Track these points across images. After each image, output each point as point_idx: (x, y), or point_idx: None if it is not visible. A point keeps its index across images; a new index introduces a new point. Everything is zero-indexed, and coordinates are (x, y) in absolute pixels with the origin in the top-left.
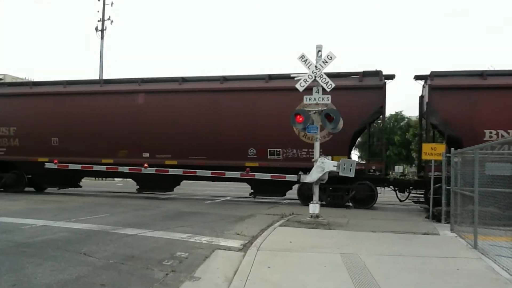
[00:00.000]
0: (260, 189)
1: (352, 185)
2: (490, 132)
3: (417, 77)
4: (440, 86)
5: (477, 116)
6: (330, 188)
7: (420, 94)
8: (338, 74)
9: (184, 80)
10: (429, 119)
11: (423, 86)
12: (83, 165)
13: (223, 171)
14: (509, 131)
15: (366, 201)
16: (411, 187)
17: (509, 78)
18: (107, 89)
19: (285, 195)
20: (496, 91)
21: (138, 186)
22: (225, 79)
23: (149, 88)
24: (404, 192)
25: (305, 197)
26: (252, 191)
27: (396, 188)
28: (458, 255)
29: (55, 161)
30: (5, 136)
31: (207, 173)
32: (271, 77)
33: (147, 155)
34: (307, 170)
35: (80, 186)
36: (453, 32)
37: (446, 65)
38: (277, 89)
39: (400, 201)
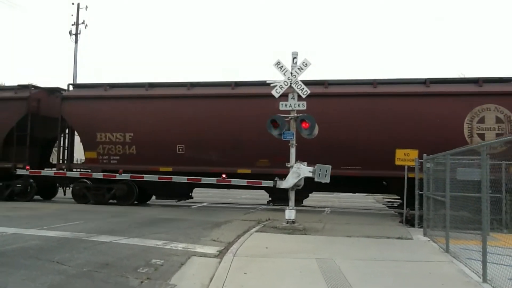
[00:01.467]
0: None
1: None
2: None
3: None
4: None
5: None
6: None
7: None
8: None
9: (329, 83)
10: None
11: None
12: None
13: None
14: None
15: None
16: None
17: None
18: (240, 92)
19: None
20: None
21: (270, 198)
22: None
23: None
24: None
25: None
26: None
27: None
28: (430, 259)
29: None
30: (119, 143)
31: None
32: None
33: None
34: None
35: (192, 197)
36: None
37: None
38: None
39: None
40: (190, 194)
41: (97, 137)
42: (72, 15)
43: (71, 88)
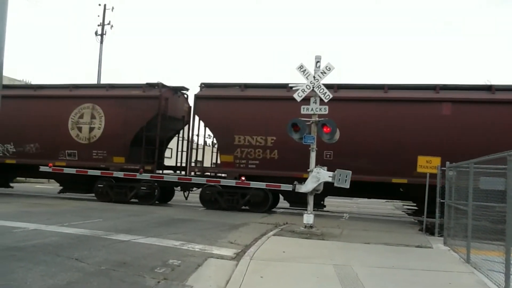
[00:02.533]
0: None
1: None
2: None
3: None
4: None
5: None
6: None
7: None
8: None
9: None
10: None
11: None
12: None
13: None
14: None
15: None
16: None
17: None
18: (393, 96)
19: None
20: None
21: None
22: None
23: (456, 97)
24: None
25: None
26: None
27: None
28: (450, 269)
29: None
30: (260, 147)
31: None
32: None
33: None
34: None
35: (324, 206)
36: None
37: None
38: None
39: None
40: (322, 203)
41: (235, 140)
42: (98, 16)
43: (188, 87)
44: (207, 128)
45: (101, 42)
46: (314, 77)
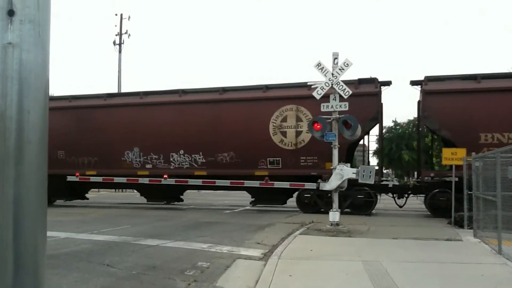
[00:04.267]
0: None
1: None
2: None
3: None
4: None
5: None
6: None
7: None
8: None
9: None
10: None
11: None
12: None
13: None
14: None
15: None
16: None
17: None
18: None
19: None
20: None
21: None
22: None
23: None
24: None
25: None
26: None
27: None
28: (482, 261)
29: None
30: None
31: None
32: None
33: None
34: None
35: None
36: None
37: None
38: None
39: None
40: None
41: (480, 138)
42: (115, 25)
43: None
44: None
45: (120, 51)
46: (332, 74)
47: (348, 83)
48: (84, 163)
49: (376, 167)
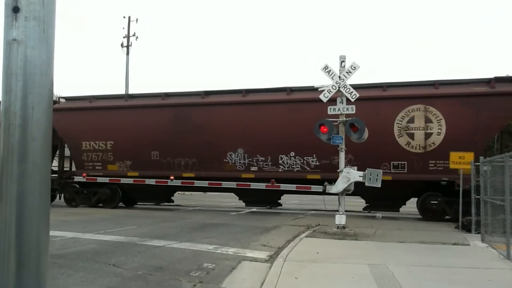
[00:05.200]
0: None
1: None
2: None
3: None
4: None
5: None
6: None
7: None
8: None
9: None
10: None
11: None
12: None
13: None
14: None
15: None
16: None
17: None
18: None
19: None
20: None
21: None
22: None
23: None
24: None
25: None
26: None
27: None
28: (490, 266)
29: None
30: None
31: None
32: None
33: None
34: None
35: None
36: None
37: None
38: None
39: None
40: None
41: None
42: (123, 28)
43: None
44: None
45: (127, 53)
46: (339, 77)
47: (478, 81)
48: (180, 165)
49: None
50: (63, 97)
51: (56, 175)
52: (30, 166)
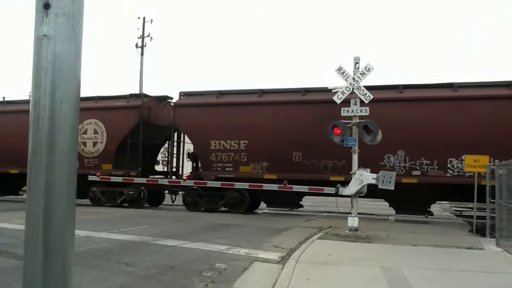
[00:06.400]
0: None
1: None
2: None
3: None
4: None
5: None
6: None
7: None
8: None
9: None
10: None
11: None
12: None
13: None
14: None
15: None
16: None
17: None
18: None
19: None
20: None
21: None
22: None
23: None
24: None
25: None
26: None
27: None
28: (505, 270)
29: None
30: None
31: None
32: None
33: None
34: None
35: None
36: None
37: None
38: None
39: None
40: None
41: None
42: (138, 28)
43: None
44: None
45: (142, 54)
46: (353, 78)
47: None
48: (327, 167)
49: None
50: (183, 92)
51: (162, 176)
52: (58, 158)
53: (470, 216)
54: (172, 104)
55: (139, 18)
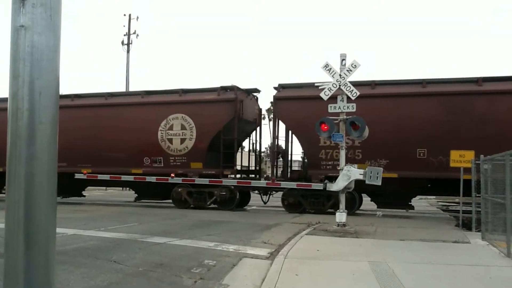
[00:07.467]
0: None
1: None
2: None
3: None
4: None
5: None
6: None
7: None
8: None
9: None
10: None
11: None
12: None
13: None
14: None
15: None
16: None
17: None
18: None
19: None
20: None
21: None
22: None
23: None
24: None
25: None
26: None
27: None
28: (490, 264)
29: None
30: None
31: None
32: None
33: None
34: None
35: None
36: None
37: None
38: None
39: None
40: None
41: None
42: (124, 25)
43: None
44: None
45: (128, 51)
46: (340, 75)
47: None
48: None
49: None
50: (281, 85)
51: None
52: (38, 149)
53: (456, 211)
54: (256, 97)
55: (124, 15)
